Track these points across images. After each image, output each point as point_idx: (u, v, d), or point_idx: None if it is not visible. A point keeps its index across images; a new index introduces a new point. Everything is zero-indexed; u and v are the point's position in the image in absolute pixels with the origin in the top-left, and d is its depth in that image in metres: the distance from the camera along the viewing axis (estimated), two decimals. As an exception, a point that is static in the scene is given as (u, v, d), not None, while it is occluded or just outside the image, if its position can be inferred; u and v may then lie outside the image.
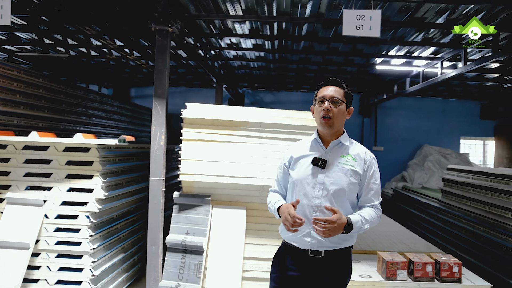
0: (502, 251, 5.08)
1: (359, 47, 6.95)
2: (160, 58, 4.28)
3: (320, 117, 2.41)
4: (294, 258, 2.45)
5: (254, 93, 13.04)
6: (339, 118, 2.40)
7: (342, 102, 2.40)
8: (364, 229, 2.35)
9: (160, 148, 4.25)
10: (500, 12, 4.92)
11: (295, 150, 2.55)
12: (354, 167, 2.40)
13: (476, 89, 10.78)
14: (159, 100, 4.24)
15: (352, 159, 2.42)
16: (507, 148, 11.66)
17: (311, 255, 2.39)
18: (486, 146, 13.20)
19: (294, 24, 5.88)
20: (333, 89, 2.41)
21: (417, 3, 4.73)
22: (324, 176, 2.37)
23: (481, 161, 13.23)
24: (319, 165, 2.39)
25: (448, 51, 6.76)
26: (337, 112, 2.38)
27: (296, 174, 2.46)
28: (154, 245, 4.25)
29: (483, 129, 12.65)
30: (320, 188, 2.37)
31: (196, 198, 4.11)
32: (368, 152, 2.50)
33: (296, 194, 2.44)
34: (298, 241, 2.42)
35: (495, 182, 5.52)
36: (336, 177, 2.37)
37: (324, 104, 2.38)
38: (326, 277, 2.40)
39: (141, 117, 10.55)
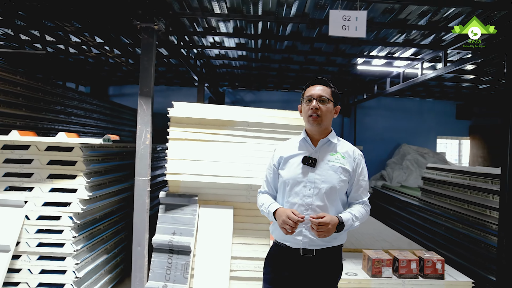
0: (481, 248, 5.22)
1: (342, 47, 7.02)
2: (145, 56, 4.22)
3: (308, 116, 2.44)
4: (286, 258, 2.46)
5: (234, 92, 13.02)
6: (327, 117, 2.43)
7: (330, 101, 2.43)
8: (355, 226, 2.39)
9: (145, 147, 4.20)
10: (480, 16, 5.04)
11: (284, 150, 2.56)
12: (344, 164, 2.43)
13: (452, 90, 11.04)
14: (145, 98, 4.19)
15: (342, 156, 2.45)
16: (481, 148, 12.00)
17: (303, 254, 2.40)
18: (461, 145, 13.55)
19: (279, 24, 5.89)
20: (321, 88, 2.43)
21: (401, 5, 4.80)
22: (314, 174, 2.39)
23: (457, 160, 13.57)
24: (309, 164, 2.41)
25: (428, 52, 6.90)
26: (325, 111, 2.41)
27: (286, 173, 2.47)
28: (139, 245, 4.19)
29: (458, 128, 12.98)
30: (311, 187, 2.38)
31: (183, 198, 4.07)
32: (356, 150, 2.55)
33: (287, 193, 2.45)
34: (290, 240, 2.43)
35: (474, 180, 5.66)
36: (326, 175, 2.39)
37: (312, 103, 2.41)
38: (318, 276, 2.42)
39: (121, 116, 10.39)
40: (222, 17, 5.30)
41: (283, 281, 2.47)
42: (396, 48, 6.84)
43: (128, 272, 5.42)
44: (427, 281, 4.12)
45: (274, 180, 2.59)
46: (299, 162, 2.44)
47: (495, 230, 4.93)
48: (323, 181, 2.38)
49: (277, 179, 2.56)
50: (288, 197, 2.45)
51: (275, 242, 2.56)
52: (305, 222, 2.36)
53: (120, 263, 5.15)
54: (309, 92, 2.46)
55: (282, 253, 2.48)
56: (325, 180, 2.38)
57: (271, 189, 2.62)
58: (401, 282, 4.10)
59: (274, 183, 2.60)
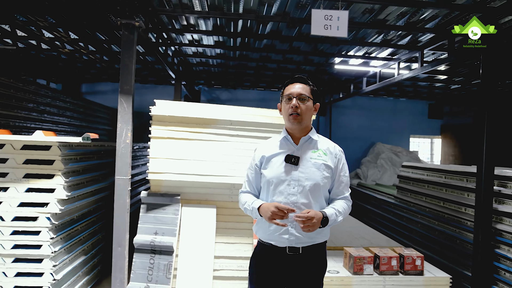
0: (457, 244, 5.36)
1: (320, 47, 7.07)
2: (126, 53, 4.13)
3: (288, 115, 2.45)
4: (272, 257, 2.46)
5: (210, 91, 12.95)
6: (307, 115, 2.45)
7: (309, 99, 2.45)
8: (338, 221, 2.42)
9: (126, 146, 4.11)
10: (456, 18, 5.17)
11: (265, 149, 2.56)
12: (326, 161, 2.46)
13: (426, 90, 11.30)
14: (125, 96, 4.10)
15: (323, 153, 2.48)
16: (452, 146, 12.33)
17: (289, 253, 2.41)
18: (433, 144, 13.90)
19: (259, 22, 5.88)
20: (300, 86, 2.45)
21: (381, 5, 4.87)
22: (298, 172, 2.41)
23: (429, 158, 13.91)
24: (292, 162, 2.42)
25: (404, 53, 7.04)
26: (305, 109, 2.43)
27: (269, 173, 2.47)
28: (120, 246, 4.11)
29: (430, 127, 13.31)
30: (295, 185, 2.40)
31: (165, 197, 4.02)
32: (337, 146, 2.58)
33: (271, 192, 2.45)
34: (275, 239, 2.43)
35: (449, 178, 5.81)
36: (310, 172, 2.41)
37: (292, 101, 2.42)
38: (304, 273, 2.44)
39: (95, 114, 10.16)
40: (202, 15, 5.25)
41: (269, 280, 2.47)
42: (374, 48, 6.95)
43: (106, 273, 5.32)
44: (407, 277, 4.20)
45: (256, 179, 2.59)
46: (282, 161, 2.45)
47: (470, 227, 5.07)
48: (307, 178, 2.40)
49: (259, 178, 2.56)
50: (273, 196, 2.45)
51: (260, 241, 2.56)
52: (290, 221, 2.37)
53: (98, 264, 5.04)
54: (288, 91, 2.47)
55: (268, 252, 2.48)
56: (309, 178, 2.40)
57: (253, 189, 2.61)
58: (382, 279, 4.17)
59: (256, 182, 2.60)
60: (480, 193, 4.57)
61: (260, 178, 2.55)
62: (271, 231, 2.43)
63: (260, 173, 2.55)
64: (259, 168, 2.56)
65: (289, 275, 2.45)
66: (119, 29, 6.25)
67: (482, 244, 4.53)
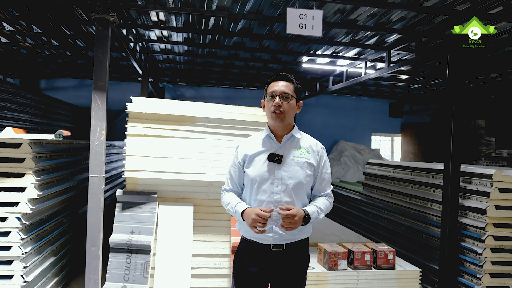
0: (423, 238, 5.57)
1: (290, 45, 7.13)
2: (100, 48, 4.01)
3: (271, 112, 2.46)
4: (255, 253, 2.49)
5: (175, 88, 12.81)
6: (289, 113, 2.47)
7: (292, 97, 2.46)
8: (320, 218, 2.47)
9: (100, 143, 4.00)
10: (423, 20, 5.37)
11: (248, 147, 2.56)
12: (309, 159, 2.48)
13: (387, 89, 11.65)
14: (99, 93, 3.99)
15: (306, 151, 2.50)
16: (412, 144, 12.79)
17: (273, 249, 2.44)
18: (393, 141, 14.36)
19: (231, 20, 5.87)
20: (284, 84, 2.46)
21: (352, 6, 4.98)
22: (281, 171, 2.43)
23: (389, 156, 14.36)
24: (275, 161, 2.44)
25: (371, 53, 7.23)
26: (288, 107, 2.45)
27: (252, 171, 2.48)
28: (94, 246, 4.00)
29: (391, 126, 13.76)
30: (278, 183, 2.42)
31: (141, 195, 3.95)
32: (319, 143, 2.61)
33: (254, 191, 2.47)
34: (260, 237, 2.45)
35: (415, 175, 6.02)
36: (293, 171, 2.44)
37: (275, 99, 2.43)
38: (287, 269, 2.48)
39: (56, 111, 9.80)
40: (175, 11, 5.17)
41: (253, 277, 2.50)
42: (342, 47, 7.08)
43: (74, 274, 5.17)
44: (379, 271, 4.34)
45: (239, 177, 2.60)
46: (265, 160, 2.46)
47: (437, 222, 5.29)
48: (290, 177, 2.43)
49: (242, 176, 2.57)
50: (256, 194, 2.46)
51: (243, 238, 2.58)
52: (274, 219, 2.39)
53: (66, 266, 4.89)
54: (271, 88, 2.48)
55: (252, 249, 2.50)
56: (292, 176, 2.43)
57: (236, 186, 2.62)
58: (356, 273, 4.28)
59: (239, 180, 2.61)
60: (447, 189, 4.77)
61: (243, 176, 2.56)
62: None
63: (243, 171, 2.55)
64: (242, 166, 2.56)
65: (273, 271, 2.48)
66: (86, 24, 6.12)
67: (449, 238, 4.73)
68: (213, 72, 10.33)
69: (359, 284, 4.31)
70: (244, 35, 6.37)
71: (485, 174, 4.68)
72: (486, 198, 4.61)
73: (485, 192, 4.62)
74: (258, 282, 2.52)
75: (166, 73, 11.01)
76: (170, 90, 12.78)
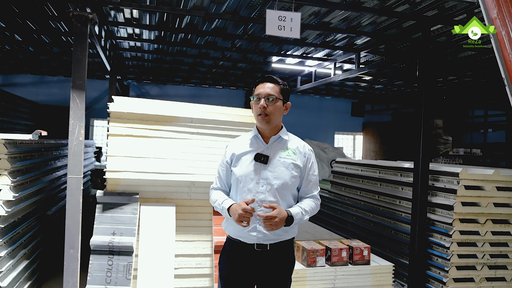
0: (392, 234, 5.78)
1: (261, 45, 7.16)
2: (78, 46, 3.89)
3: (257, 115, 2.50)
4: (240, 253, 2.52)
5: (140, 86, 12.57)
6: (275, 115, 2.50)
7: (278, 99, 2.50)
8: (305, 220, 2.50)
9: (79, 143, 3.88)
10: (393, 24, 5.56)
11: (236, 147, 2.60)
12: (295, 160, 2.52)
13: (351, 89, 11.94)
14: (78, 92, 3.87)
15: (293, 153, 2.54)
16: (373, 142, 13.20)
17: (257, 249, 2.47)
18: (355, 140, 14.74)
19: (206, 19, 5.83)
20: (269, 86, 2.50)
21: (327, 9, 5.08)
22: (267, 171, 2.47)
23: (351, 154, 14.74)
24: (261, 161, 2.48)
25: (340, 54, 7.39)
26: (273, 109, 2.48)
27: (239, 171, 2.52)
28: (72, 248, 3.87)
29: (353, 125, 14.13)
30: (264, 183, 2.46)
31: (123, 196, 3.87)
32: (307, 145, 2.65)
33: (240, 190, 2.51)
34: (244, 235, 2.49)
35: (383, 173, 6.23)
36: (279, 171, 2.47)
37: (260, 101, 2.47)
38: (272, 269, 2.51)
39: (17, 108, 9.36)
40: (150, 9, 5.08)
41: (238, 276, 2.54)
42: (312, 48, 7.19)
43: (45, 278, 5.00)
44: (355, 267, 4.48)
45: (227, 176, 2.63)
46: (251, 159, 2.50)
47: (405, 218, 5.50)
48: (275, 177, 2.46)
49: (230, 175, 2.61)
50: (242, 193, 2.50)
51: (229, 237, 2.61)
52: (257, 218, 2.43)
53: (38, 269, 4.72)
54: (257, 91, 2.52)
55: (236, 248, 2.53)
56: (277, 177, 2.46)
57: (224, 185, 2.66)
58: (334, 270, 4.39)
59: (226, 179, 2.64)
60: (417, 186, 4.98)
61: (231, 175, 2.59)
62: (240, 228, 2.47)
63: (230, 170, 2.59)
64: (229, 165, 2.59)
65: (258, 271, 2.52)
66: (54, 19, 5.90)
67: (419, 234, 4.94)
68: (181, 70, 10.22)
69: (336, 280, 4.43)
70: (218, 35, 6.36)
71: (452, 173, 4.92)
72: (453, 195, 4.84)
73: (453, 189, 4.85)
74: (243, 282, 2.55)
75: (133, 71, 10.77)
76: (135, 88, 12.53)
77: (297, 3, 4.70)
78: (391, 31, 5.85)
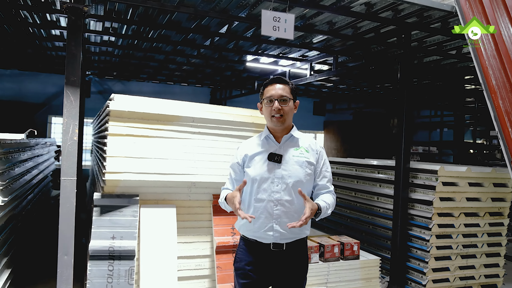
0: (370, 229, 5.93)
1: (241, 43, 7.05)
2: (72, 40, 3.63)
3: (271, 116, 2.47)
4: (256, 253, 2.49)
5: (102, 82, 12.07)
6: (289, 115, 2.50)
7: (290, 99, 2.48)
8: (328, 213, 2.47)
9: (73, 143, 3.63)
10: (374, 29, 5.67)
11: (248, 148, 2.57)
12: (308, 158, 2.49)
13: (315, 89, 12.06)
14: (72, 88, 3.61)
15: (305, 150, 2.51)
16: (334, 141, 13.45)
17: (273, 249, 2.44)
18: (316, 138, 14.99)
19: (191, 17, 5.66)
20: (280, 87, 2.48)
21: (314, 12, 5.10)
22: (281, 170, 2.44)
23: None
24: (275, 160, 2.45)
25: (315, 55, 7.44)
26: (288, 110, 2.47)
27: (253, 171, 2.48)
28: (66, 254, 3.62)
29: (314, 123, 14.34)
30: (279, 182, 2.43)
31: (122, 198, 3.66)
32: (317, 143, 2.64)
33: (255, 190, 2.47)
34: (260, 235, 2.46)
35: (360, 171, 6.36)
36: (293, 169, 2.44)
37: (274, 104, 2.44)
38: (288, 269, 2.48)
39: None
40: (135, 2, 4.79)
41: (254, 276, 2.49)
42: (289, 48, 7.17)
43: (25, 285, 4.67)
44: (346, 262, 4.54)
45: (239, 177, 2.58)
46: (265, 159, 2.47)
47: (383, 213, 5.66)
48: (290, 176, 2.43)
49: (242, 176, 2.55)
50: (257, 194, 2.46)
51: (243, 237, 2.57)
52: (274, 217, 2.40)
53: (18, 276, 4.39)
54: (269, 93, 2.48)
55: (252, 248, 2.50)
56: (292, 175, 2.43)
57: (234, 186, 2.61)
58: (327, 265, 4.43)
59: (237, 180, 2.59)
60: (399, 184, 5.12)
61: (243, 176, 2.54)
62: (256, 228, 2.45)
63: (243, 171, 2.55)
64: (241, 167, 2.56)
65: (274, 273, 2.48)
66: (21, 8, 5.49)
67: (401, 228, 5.09)
68: (149, 66, 9.86)
69: (330, 275, 4.46)
70: (199, 33, 6.19)
71: (431, 170, 5.10)
72: (432, 191, 5.02)
73: (432, 185, 5.04)
74: (259, 281, 2.50)
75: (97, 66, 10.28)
76: (97, 84, 12.00)
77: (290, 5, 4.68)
78: (369, 34, 5.96)
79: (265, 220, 2.42)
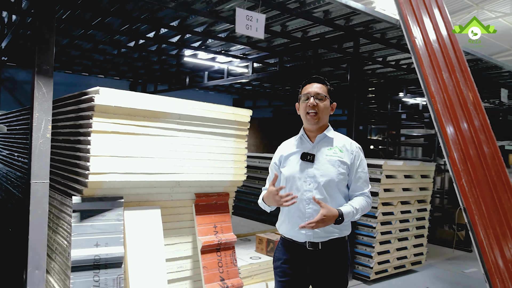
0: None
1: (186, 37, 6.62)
2: (44, 24, 3.09)
3: (306, 113, 2.45)
4: (293, 251, 2.46)
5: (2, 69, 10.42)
6: (324, 113, 2.46)
7: (326, 98, 2.47)
8: (356, 218, 2.43)
9: (46, 141, 3.10)
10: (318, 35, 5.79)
11: (284, 149, 2.57)
12: (342, 157, 2.43)
13: (239, 85, 11.89)
14: (45, 78, 3.07)
15: (339, 150, 2.46)
16: (254, 137, 13.50)
17: (309, 248, 2.40)
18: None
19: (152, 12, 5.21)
20: (317, 86, 2.47)
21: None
22: (313, 169, 2.41)
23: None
24: (307, 160, 2.43)
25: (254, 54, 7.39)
26: (323, 107, 2.45)
27: (287, 170, 2.47)
28: (37, 268, 3.08)
29: (234, 119, 14.24)
30: (311, 181, 2.40)
31: (105, 201, 3.21)
32: (354, 143, 2.56)
33: (288, 189, 2.43)
34: (295, 234, 2.43)
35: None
36: (325, 169, 2.40)
37: (309, 100, 2.43)
38: (327, 270, 2.43)
39: None
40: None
41: (291, 273, 2.45)
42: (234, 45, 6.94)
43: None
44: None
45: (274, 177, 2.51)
46: (298, 159, 2.44)
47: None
48: (322, 174, 2.39)
49: (280, 176, 2.53)
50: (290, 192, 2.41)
51: (282, 237, 2.55)
52: (307, 216, 2.37)
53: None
54: (306, 90, 2.48)
55: (290, 247, 2.47)
56: (324, 174, 2.39)
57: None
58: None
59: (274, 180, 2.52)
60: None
61: (280, 176, 2.51)
62: (290, 226, 2.43)
63: (279, 171, 2.52)
64: (278, 167, 2.55)
65: (311, 271, 2.43)
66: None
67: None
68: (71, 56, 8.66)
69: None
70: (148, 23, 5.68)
71: (377, 165, 5.41)
72: (377, 183, 5.35)
73: (377, 178, 5.36)
74: (296, 281, 2.46)
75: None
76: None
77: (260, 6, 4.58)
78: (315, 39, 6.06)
79: (298, 219, 2.37)
